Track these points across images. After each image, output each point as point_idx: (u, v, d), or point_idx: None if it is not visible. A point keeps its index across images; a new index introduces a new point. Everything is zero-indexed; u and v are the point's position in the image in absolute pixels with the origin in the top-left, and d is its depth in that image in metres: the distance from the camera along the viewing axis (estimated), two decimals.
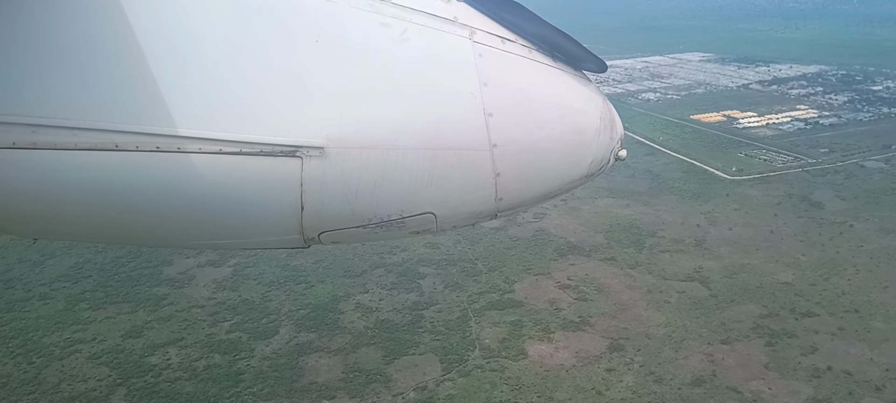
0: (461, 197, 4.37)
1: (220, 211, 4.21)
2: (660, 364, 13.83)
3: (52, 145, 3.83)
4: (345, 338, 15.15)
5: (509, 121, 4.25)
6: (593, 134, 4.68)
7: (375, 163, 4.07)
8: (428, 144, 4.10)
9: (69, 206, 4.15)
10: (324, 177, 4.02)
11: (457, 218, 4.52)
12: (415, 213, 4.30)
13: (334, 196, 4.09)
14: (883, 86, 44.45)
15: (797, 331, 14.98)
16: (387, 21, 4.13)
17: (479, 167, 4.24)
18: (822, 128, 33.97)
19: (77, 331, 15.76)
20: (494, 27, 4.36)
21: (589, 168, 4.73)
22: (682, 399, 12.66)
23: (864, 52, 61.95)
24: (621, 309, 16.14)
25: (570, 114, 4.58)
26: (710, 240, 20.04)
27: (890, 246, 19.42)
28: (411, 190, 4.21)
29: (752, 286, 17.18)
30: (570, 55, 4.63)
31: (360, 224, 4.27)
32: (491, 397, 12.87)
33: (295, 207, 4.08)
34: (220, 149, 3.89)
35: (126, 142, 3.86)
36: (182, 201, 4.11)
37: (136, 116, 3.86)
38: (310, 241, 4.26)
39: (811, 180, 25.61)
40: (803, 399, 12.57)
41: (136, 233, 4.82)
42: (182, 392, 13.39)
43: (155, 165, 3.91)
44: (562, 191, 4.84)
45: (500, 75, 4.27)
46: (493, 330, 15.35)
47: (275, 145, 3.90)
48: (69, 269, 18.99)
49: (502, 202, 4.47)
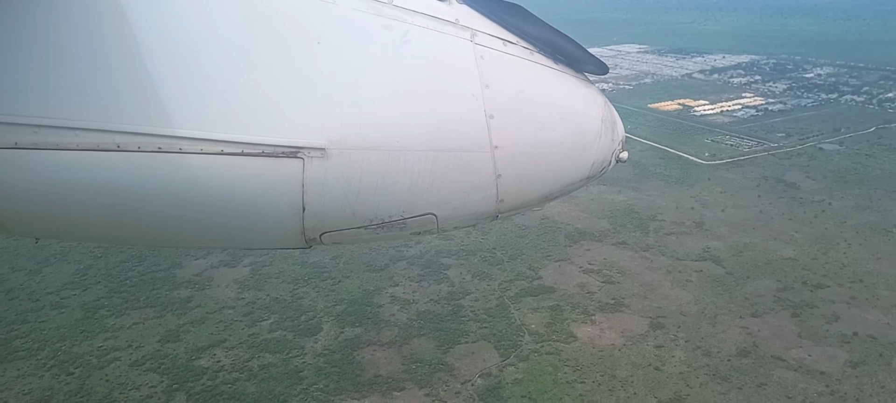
0: (462, 198, 4.46)
1: (221, 212, 4.27)
2: (703, 339, 14.57)
3: (54, 145, 3.87)
4: (392, 331, 15.19)
5: (510, 122, 4.34)
6: (594, 136, 4.81)
7: (377, 165, 4.12)
8: (429, 146, 4.17)
9: (71, 206, 4.20)
10: (325, 178, 4.07)
11: (458, 219, 4.59)
12: (416, 214, 4.38)
13: (336, 197, 4.15)
14: (814, 74, 47.48)
15: (815, 302, 16.07)
16: (389, 23, 4.21)
17: (480, 168, 4.33)
18: (772, 114, 36.04)
19: (108, 339, 15.15)
20: (496, 29, 4.47)
21: (590, 170, 4.84)
22: (734, 369, 13.42)
23: (784, 42, 65.79)
24: (649, 290, 16.84)
25: (571, 116, 4.70)
26: (708, 222, 21.09)
27: (870, 221, 21.00)
28: (412, 191, 4.27)
29: (761, 262, 18.25)
30: (572, 57, 4.75)
31: (362, 224, 4.35)
32: (556, 379, 13.25)
33: (296, 208, 4.15)
34: (222, 150, 3.94)
35: (128, 142, 3.90)
36: (184, 201, 4.16)
37: (138, 117, 3.91)
38: (311, 242, 4.33)
39: (779, 163, 27.22)
40: (842, 363, 13.52)
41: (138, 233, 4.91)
42: (245, 393, 13.15)
43: (157, 166, 3.96)
44: (563, 192, 4.92)
45: (501, 77, 4.36)
46: (535, 315, 15.73)
47: (276, 146, 3.96)
48: (73, 276, 18.14)
49: (503, 203, 4.57)
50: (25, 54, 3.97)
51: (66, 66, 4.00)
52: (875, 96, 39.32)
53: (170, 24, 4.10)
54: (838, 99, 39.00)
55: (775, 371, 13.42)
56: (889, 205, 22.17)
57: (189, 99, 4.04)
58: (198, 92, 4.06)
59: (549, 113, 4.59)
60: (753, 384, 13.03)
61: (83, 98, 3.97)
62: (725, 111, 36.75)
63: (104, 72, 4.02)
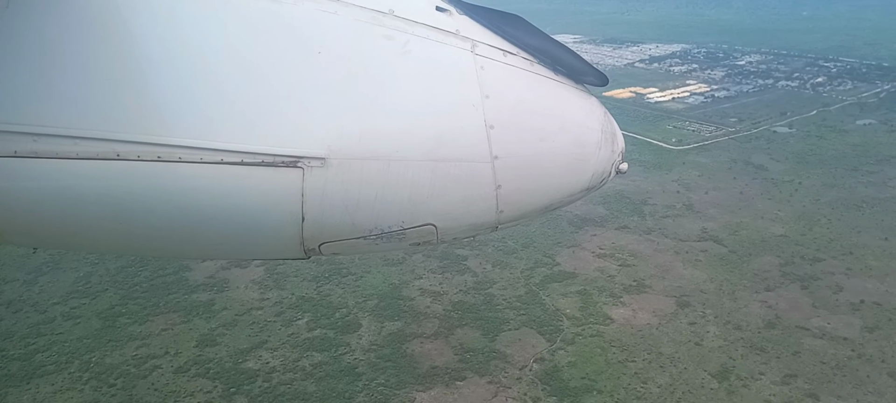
0: (462, 208, 4.47)
1: (220, 221, 4.29)
2: (729, 314, 15.45)
3: (54, 154, 3.89)
4: (433, 323, 15.32)
5: (511, 133, 4.40)
6: (594, 147, 4.89)
7: (376, 175, 4.13)
8: (429, 156, 4.20)
9: (70, 215, 4.22)
10: (325, 188, 4.08)
11: (457, 229, 4.63)
12: (416, 225, 4.40)
13: (335, 207, 4.17)
14: (746, 61, 50.18)
15: (817, 274, 17.28)
16: (389, 33, 4.25)
17: (480, 179, 4.36)
18: (719, 100, 37.94)
19: (140, 347, 14.58)
20: (496, 40, 4.54)
21: (590, 181, 4.97)
22: (767, 340, 14.32)
23: (707, 31, 68.98)
24: (664, 271, 17.64)
25: (571, 127, 4.78)
26: (697, 204, 22.18)
27: (840, 198, 22.63)
28: (412, 201, 4.29)
29: (757, 240, 19.41)
30: (572, 68, 4.85)
31: (361, 235, 4.37)
32: (608, 359, 13.77)
33: (296, 218, 4.17)
34: (222, 159, 3.97)
35: (128, 151, 3.92)
36: (183, 211, 4.19)
37: (137, 126, 3.94)
38: (310, 252, 4.45)
39: (742, 146, 28.79)
40: (859, 329, 14.67)
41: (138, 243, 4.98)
42: (306, 392, 13.01)
43: (156, 175, 3.98)
44: (563, 203, 5.11)
45: (501, 88, 4.43)
46: (567, 300, 16.22)
47: (276, 155, 3.98)
48: (76, 285, 17.27)
49: (503, 214, 4.62)
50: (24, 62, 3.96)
51: (66, 74, 3.98)
52: (806, 81, 41.97)
53: (170, 34, 4.11)
54: (774, 84, 41.40)
55: (804, 339, 14.41)
56: (852, 183, 23.92)
57: (189, 108, 4.05)
58: (198, 101, 4.07)
59: (550, 123, 4.67)
60: (788, 353, 13.95)
61: (83, 107, 3.96)
62: (676, 98, 38.39)
63: (104, 80, 4.01)
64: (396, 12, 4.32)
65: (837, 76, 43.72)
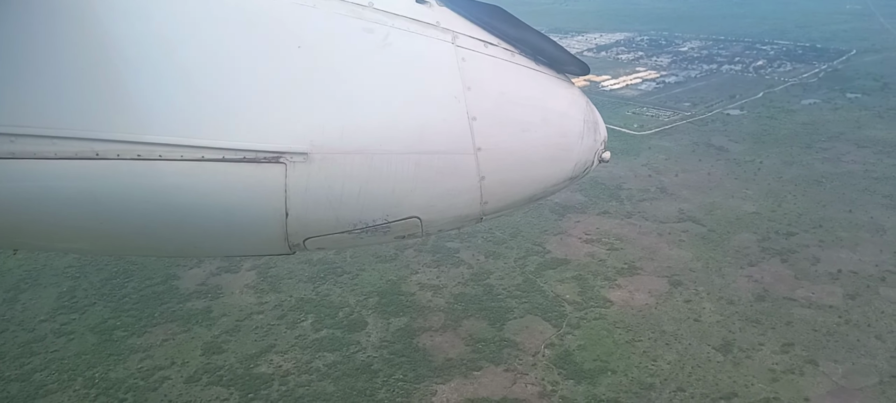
0: (446, 201, 4.55)
1: (203, 219, 4.31)
2: (720, 290, 16.13)
3: (32, 154, 3.87)
4: (438, 317, 15.46)
5: (493, 124, 4.47)
6: (577, 137, 4.97)
7: (360, 169, 4.16)
8: (412, 149, 4.23)
9: (50, 216, 4.22)
10: (308, 184, 4.10)
11: (442, 222, 4.72)
12: (400, 218, 4.47)
13: (319, 202, 4.20)
14: (688, 47, 51.81)
15: (794, 248, 18.18)
16: (369, 26, 4.27)
17: (463, 171, 4.44)
18: (670, 86, 39.13)
19: (144, 359, 14.24)
20: (477, 31, 4.57)
21: (573, 170, 5.05)
22: (759, 312, 15.03)
23: (645, 19, 70.71)
24: (652, 252, 18.24)
25: (553, 118, 4.84)
26: (669, 187, 22.94)
27: (800, 174, 23.80)
28: (396, 194, 4.34)
29: (732, 218, 20.25)
30: (553, 58, 4.91)
31: (346, 229, 4.43)
32: (615, 340, 14.21)
33: (279, 214, 4.20)
34: (203, 156, 3.97)
35: (107, 150, 3.90)
36: (165, 209, 4.19)
37: (116, 124, 3.92)
38: (295, 248, 4.50)
39: (700, 129, 29.84)
40: (842, 297, 15.55)
41: (120, 242, 5.02)
42: (326, 392, 12.98)
43: (136, 173, 3.97)
44: (546, 193, 5.21)
45: (483, 79, 4.48)
46: (564, 286, 16.61)
47: (258, 151, 3.99)
48: (60, 300, 16.68)
49: (487, 205, 4.72)
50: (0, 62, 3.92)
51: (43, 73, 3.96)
52: (748, 65, 43.68)
53: (148, 31, 4.11)
54: (719, 69, 42.92)
55: (793, 309, 15.18)
56: (808, 160, 25.15)
57: (168, 105, 4.03)
58: (177, 98, 4.06)
59: (532, 114, 4.73)
60: (782, 323, 14.69)
61: (60, 106, 3.94)
62: (630, 85, 39.38)
63: (82, 79, 3.98)
64: (376, 5, 4.35)
65: (776, 58, 45.64)
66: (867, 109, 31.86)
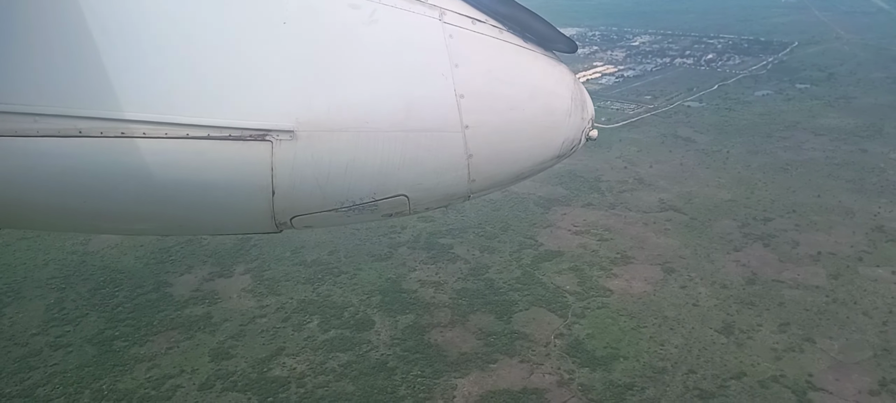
0: (434, 178, 4.53)
1: (189, 197, 4.27)
2: (712, 275, 16.77)
3: (13, 132, 3.81)
4: (445, 312, 15.59)
5: (481, 102, 4.47)
6: (564, 114, 4.98)
7: (346, 146, 4.15)
8: (399, 126, 4.22)
9: (33, 194, 4.17)
10: (294, 161, 4.07)
11: (429, 200, 4.71)
12: (387, 196, 4.46)
13: (305, 180, 4.19)
14: (639, 42, 53.17)
15: (773, 232, 19.02)
16: (355, 2, 4.23)
17: (451, 148, 4.43)
18: (629, 80, 40.13)
19: (151, 369, 13.92)
20: (464, 8, 4.54)
21: (560, 148, 5.09)
22: (752, 294, 15.71)
23: (594, 14, 72.10)
24: (640, 241, 18.79)
25: (541, 95, 4.84)
26: (646, 178, 23.62)
27: (766, 162, 24.84)
28: (383, 172, 4.33)
29: (711, 206, 21.02)
30: (541, 36, 4.88)
31: (333, 207, 4.42)
32: (621, 327, 14.63)
33: (266, 192, 4.17)
34: (188, 134, 3.92)
35: (90, 127, 3.84)
36: (149, 187, 4.13)
37: (99, 101, 3.86)
38: (281, 226, 4.49)
39: (665, 121, 30.75)
40: (825, 277, 16.37)
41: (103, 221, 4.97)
42: (346, 392, 12.96)
43: (120, 151, 3.92)
44: (534, 171, 5.19)
45: (470, 56, 4.46)
46: (563, 277, 16.97)
47: (244, 129, 3.96)
48: (49, 313, 16.09)
49: (475, 183, 4.71)
50: None
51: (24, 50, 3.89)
52: (700, 58, 45.15)
53: (131, 6, 4.03)
54: (672, 62, 44.24)
55: (783, 291, 15.92)
56: (772, 148, 26.27)
57: (153, 82, 4.00)
58: (161, 75, 4.02)
59: (520, 92, 4.73)
60: (774, 304, 15.38)
61: (42, 83, 3.88)
62: (591, 79, 40.22)
63: (64, 55, 3.93)
64: None
65: (724, 52, 47.30)
66: (818, 99, 33.41)
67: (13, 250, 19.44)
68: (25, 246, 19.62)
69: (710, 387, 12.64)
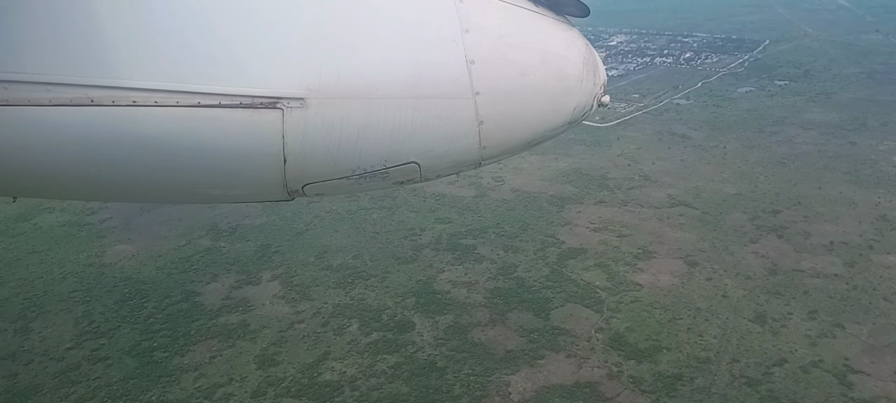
0: (445, 145, 4.59)
1: (200, 165, 4.33)
2: (734, 267, 17.29)
3: (26, 101, 3.88)
4: (482, 312, 15.78)
5: (492, 68, 4.52)
6: (576, 80, 5.10)
7: (357, 114, 4.18)
8: (410, 93, 4.27)
9: (46, 163, 4.24)
10: (306, 129, 4.11)
11: (441, 167, 4.75)
12: (398, 163, 4.51)
13: (317, 147, 4.23)
14: (617, 41, 53.97)
15: (784, 224, 19.67)
16: None
17: (462, 115, 4.48)
18: (614, 79, 40.72)
19: (198, 378, 13.82)
20: None
21: (572, 114, 5.22)
22: (777, 285, 16.25)
23: None
24: (659, 236, 19.25)
25: (552, 61, 4.91)
26: (651, 174, 24.15)
27: (764, 157, 25.60)
28: (394, 139, 4.36)
29: (719, 200, 21.61)
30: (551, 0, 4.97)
31: (344, 175, 4.47)
32: (658, 320, 15.02)
33: (278, 159, 4.23)
34: (199, 102, 4.00)
35: (102, 96, 3.92)
36: (161, 155, 4.21)
37: (111, 70, 3.93)
38: (293, 194, 4.53)
39: (658, 119, 31.40)
40: (842, 266, 17.02)
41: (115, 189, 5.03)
42: (401, 393, 13.07)
43: (132, 120, 3.99)
44: (545, 137, 5.29)
45: (481, 22, 4.51)
46: (591, 273, 17.31)
47: (255, 97, 4.02)
48: (79, 326, 15.82)
49: (486, 150, 4.77)
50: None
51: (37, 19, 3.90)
52: (678, 57, 46.11)
53: None
54: (652, 61, 45.09)
55: (805, 280, 16.51)
56: (766, 143, 27.07)
57: (163, 51, 4.06)
58: (172, 43, 4.08)
59: (531, 57, 4.80)
60: (800, 293, 15.95)
61: (55, 52, 3.96)
62: None
63: (76, 24, 3.97)
64: None
65: (701, 50, 48.36)
66: (799, 95, 34.49)
67: (25, 264, 19.03)
68: (38, 260, 19.23)
69: (755, 375, 13.08)
